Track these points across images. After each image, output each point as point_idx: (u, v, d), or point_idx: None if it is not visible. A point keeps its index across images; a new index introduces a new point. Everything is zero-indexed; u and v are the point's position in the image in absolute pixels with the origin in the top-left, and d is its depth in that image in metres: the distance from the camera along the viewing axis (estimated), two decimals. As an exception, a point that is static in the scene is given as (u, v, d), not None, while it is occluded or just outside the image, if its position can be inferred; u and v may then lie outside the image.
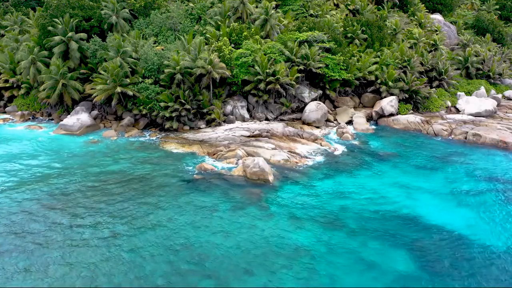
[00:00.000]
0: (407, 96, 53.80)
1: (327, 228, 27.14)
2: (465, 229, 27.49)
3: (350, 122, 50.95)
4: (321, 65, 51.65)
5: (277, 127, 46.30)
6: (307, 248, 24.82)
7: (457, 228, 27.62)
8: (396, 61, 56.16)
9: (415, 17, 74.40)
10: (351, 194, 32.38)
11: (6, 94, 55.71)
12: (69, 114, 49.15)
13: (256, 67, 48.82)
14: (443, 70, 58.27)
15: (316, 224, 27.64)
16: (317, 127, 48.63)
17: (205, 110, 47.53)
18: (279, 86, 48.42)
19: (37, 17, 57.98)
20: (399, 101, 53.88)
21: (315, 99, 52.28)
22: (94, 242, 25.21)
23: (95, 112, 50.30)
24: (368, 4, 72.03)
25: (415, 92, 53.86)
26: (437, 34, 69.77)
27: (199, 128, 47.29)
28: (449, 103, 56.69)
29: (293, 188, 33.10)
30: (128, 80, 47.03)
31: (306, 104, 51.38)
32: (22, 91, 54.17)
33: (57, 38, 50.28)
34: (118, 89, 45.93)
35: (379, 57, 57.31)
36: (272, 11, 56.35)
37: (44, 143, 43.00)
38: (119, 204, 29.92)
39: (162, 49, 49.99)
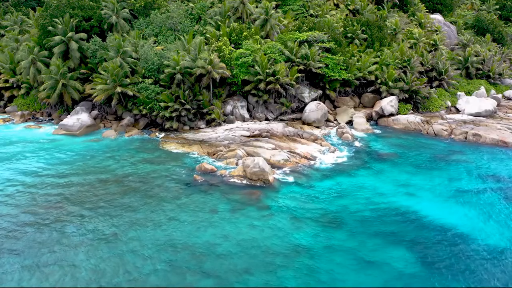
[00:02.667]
0: (407, 96, 53.80)
1: (327, 228, 27.14)
2: (465, 228, 27.48)
3: (350, 122, 50.97)
4: (321, 65, 51.66)
5: (277, 127, 46.29)
6: (307, 248, 24.82)
7: (458, 226, 27.62)
8: (396, 61, 56.15)
9: (415, 17, 74.46)
10: (351, 194, 32.38)
11: (6, 94, 55.77)
12: (69, 114, 49.18)
13: (256, 67, 48.82)
14: (443, 70, 58.27)
15: (316, 223, 27.64)
16: (317, 127, 48.65)
17: (205, 110, 47.53)
18: (279, 86, 48.43)
19: (37, 17, 58.04)
20: (399, 101, 53.88)
21: (315, 99, 52.29)
22: (93, 242, 25.20)
23: (95, 112, 50.31)
24: (368, 4, 72.10)
25: (415, 92, 53.86)
26: (437, 34, 69.78)
27: (199, 128, 47.30)
28: (449, 103, 56.69)
29: (293, 188, 33.10)
30: (128, 80, 47.06)
31: (306, 104, 51.38)
32: (22, 91, 54.22)
33: (57, 38, 50.34)
34: (118, 89, 45.96)
35: (379, 57, 57.33)
36: (272, 11, 56.38)
37: (44, 143, 43.00)
38: (118, 203, 29.92)
39: (162, 49, 50.00)
